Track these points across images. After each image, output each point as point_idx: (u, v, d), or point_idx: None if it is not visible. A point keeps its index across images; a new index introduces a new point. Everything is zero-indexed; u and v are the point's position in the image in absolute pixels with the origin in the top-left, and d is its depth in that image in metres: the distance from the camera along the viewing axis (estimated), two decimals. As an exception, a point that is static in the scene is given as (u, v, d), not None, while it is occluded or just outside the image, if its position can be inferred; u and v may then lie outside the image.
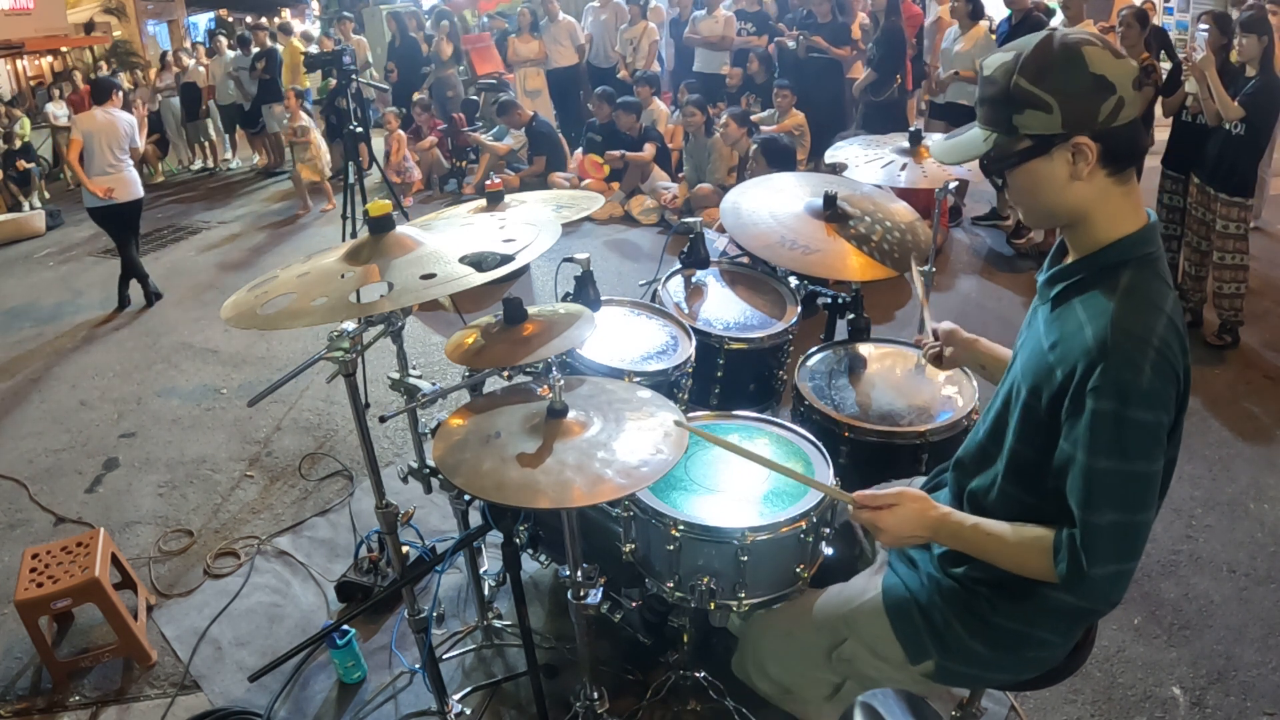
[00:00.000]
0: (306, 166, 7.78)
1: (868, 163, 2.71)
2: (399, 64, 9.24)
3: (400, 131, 8.31)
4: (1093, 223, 1.27)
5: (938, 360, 1.82)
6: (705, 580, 1.73)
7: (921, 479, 1.79)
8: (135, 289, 5.83)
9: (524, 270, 1.84)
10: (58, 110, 10.28)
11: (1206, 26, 4.12)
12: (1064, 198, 1.26)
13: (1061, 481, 1.28)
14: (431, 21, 9.59)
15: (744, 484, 1.85)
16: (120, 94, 5.71)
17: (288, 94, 8.09)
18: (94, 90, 5.69)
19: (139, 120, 5.54)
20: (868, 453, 2.12)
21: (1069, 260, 1.32)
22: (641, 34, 7.96)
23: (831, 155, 2.90)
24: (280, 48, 9.22)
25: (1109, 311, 1.21)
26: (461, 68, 9.35)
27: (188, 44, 16.72)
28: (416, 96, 8.64)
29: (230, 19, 20.32)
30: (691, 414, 2.05)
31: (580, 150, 7.34)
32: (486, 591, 2.64)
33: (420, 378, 2.13)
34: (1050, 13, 6.56)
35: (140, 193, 5.62)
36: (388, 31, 9.53)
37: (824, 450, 1.91)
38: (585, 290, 2.26)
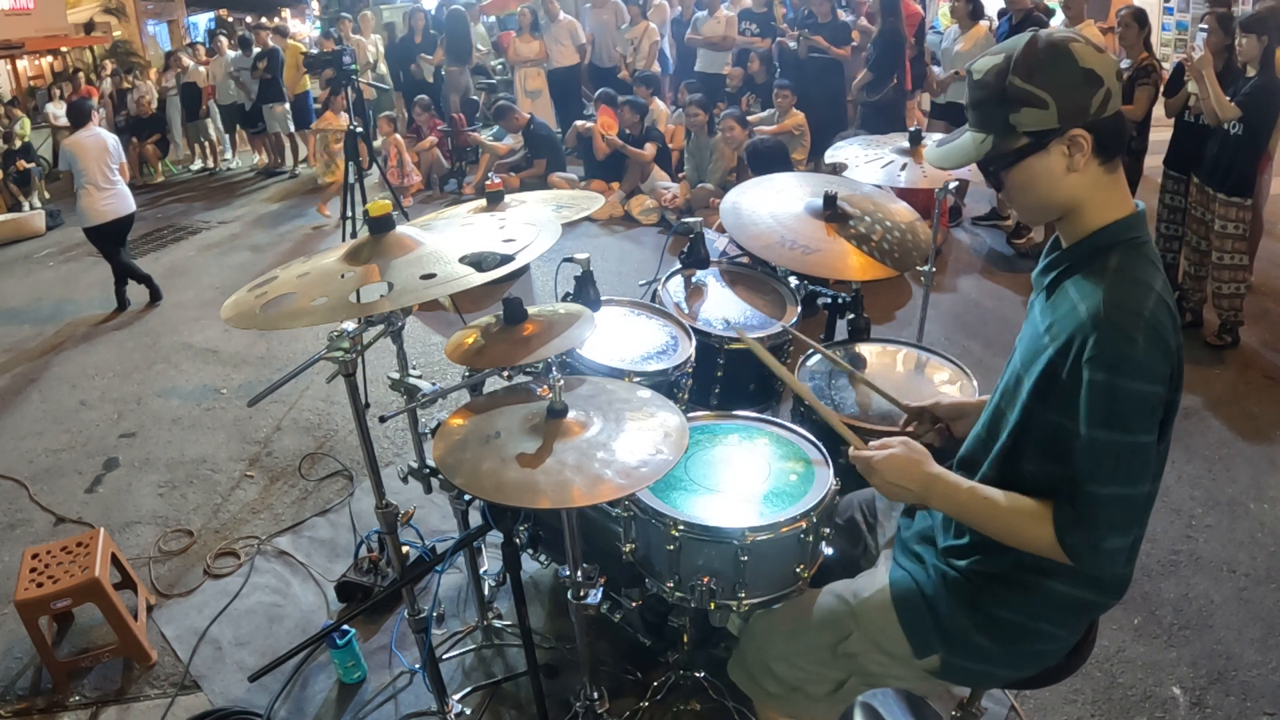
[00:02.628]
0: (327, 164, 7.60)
1: (868, 163, 2.71)
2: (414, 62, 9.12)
3: (396, 135, 8.26)
4: (1085, 211, 1.32)
5: (949, 439, 1.77)
6: (705, 580, 1.73)
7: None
8: (135, 289, 5.83)
9: (524, 270, 1.83)
10: (58, 110, 10.29)
11: (1207, 26, 4.12)
12: (1060, 190, 1.31)
13: (1053, 465, 1.32)
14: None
15: (744, 484, 1.85)
16: (98, 115, 5.67)
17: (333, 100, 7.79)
18: (71, 115, 5.61)
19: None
20: (868, 453, 2.11)
21: (1061, 249, 1.38)
22: (642, 34, 7.96)
23: (831, 155, 2.91)
24: (281, 48, 9.21)
25: (1101, 289, 1.25)
26: (500, 62, 9.28)
27: (188, 44, 16.74)
28: (417, 96, 8.62)
29: (230, 19, 20.33)
30: (691, 414, 2.05)
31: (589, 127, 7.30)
32: (486, 591, 2.64)
33: (420, 378, 2.13)
34: (1050, 13, 6.56)
35: (133, 206, 5.65)
36: (403, 28, 9.47)
37: (824, 450, 1.91)
38: (585, 290, 2.25)
